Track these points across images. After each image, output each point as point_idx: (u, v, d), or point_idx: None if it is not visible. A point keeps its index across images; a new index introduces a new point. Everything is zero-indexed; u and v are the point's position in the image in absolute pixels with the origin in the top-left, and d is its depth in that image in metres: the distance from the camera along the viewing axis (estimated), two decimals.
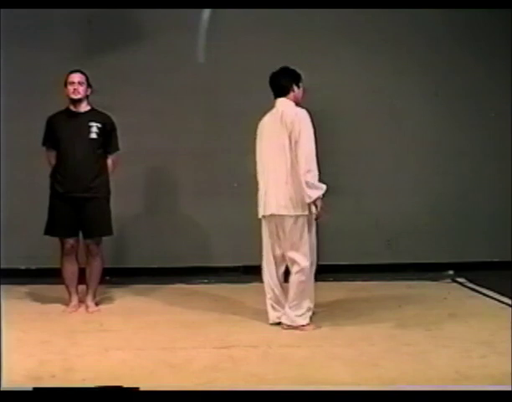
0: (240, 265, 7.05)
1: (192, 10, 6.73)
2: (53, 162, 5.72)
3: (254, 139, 5.29)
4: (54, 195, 5.70)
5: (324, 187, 5.00)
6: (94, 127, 5.65)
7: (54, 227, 5.70)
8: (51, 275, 6.02)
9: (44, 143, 5.77)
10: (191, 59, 7.03)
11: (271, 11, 6.56)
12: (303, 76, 5.26)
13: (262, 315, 5.33)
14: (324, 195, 5.01)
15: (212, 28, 6.96)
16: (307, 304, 5.16)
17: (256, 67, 6.89)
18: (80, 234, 5.75)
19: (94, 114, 5.72)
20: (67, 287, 5.79)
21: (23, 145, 6.47)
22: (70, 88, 5.63)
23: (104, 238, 5.82)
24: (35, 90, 6.58)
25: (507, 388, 3.58)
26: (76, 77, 5.64)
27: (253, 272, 6.39)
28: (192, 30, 6.99)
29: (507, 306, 5.76)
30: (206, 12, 6.92)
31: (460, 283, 6.81)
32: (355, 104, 7.14)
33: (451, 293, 6.38)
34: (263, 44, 6.88)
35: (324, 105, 6.98)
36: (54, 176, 5.70)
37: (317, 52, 7.01)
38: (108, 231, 5.83)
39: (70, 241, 5.70)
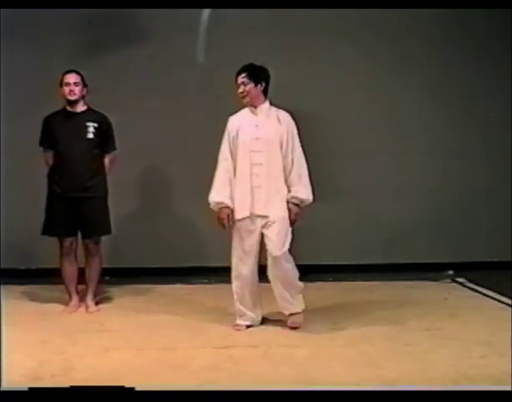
0: None
1: (191, 10, 6.72)
2: (51, 162, 5.72)
3: None
4: (52, 195, 5.70)
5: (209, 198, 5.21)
6: (91, 127, 5.65)
7: (52, 227, 5.70)
8: (51, 275, 6.01)
9: (41, 144, 5.75)
10: (191, 59, 7.03)
11: (271, 11, 6.55)
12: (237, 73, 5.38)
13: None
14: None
15: (212, 28, 6.96)
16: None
17: None
18: (79, 234, 5.76)
19: (90, 114, 5.72)
20: (66, 287, 5.79)
21: (23, 145, 6.45)
22: (66, 89, 5.62)
23: (102, 237, 5.82)
24: (35, 90, 6.56)
25: (507, 388, 3.59)
26: (72, 78, 5.63)
27: None
28: (192, 30, 6.98)
29: (507, 306, 5.76)
30: (206, 12, 6.92)
31: (460, 283, 6.81)
32: (354, 104, 7.13)
33: (451, 293, 6.38)
34: (263, 44, 6.87)
35: (323, 105, 6.99)
36: (52, 176, 5.70)
37: (317, 52, 7.00)
38: (107, 231, 5.83)
39: (68, 241, 5.70)
